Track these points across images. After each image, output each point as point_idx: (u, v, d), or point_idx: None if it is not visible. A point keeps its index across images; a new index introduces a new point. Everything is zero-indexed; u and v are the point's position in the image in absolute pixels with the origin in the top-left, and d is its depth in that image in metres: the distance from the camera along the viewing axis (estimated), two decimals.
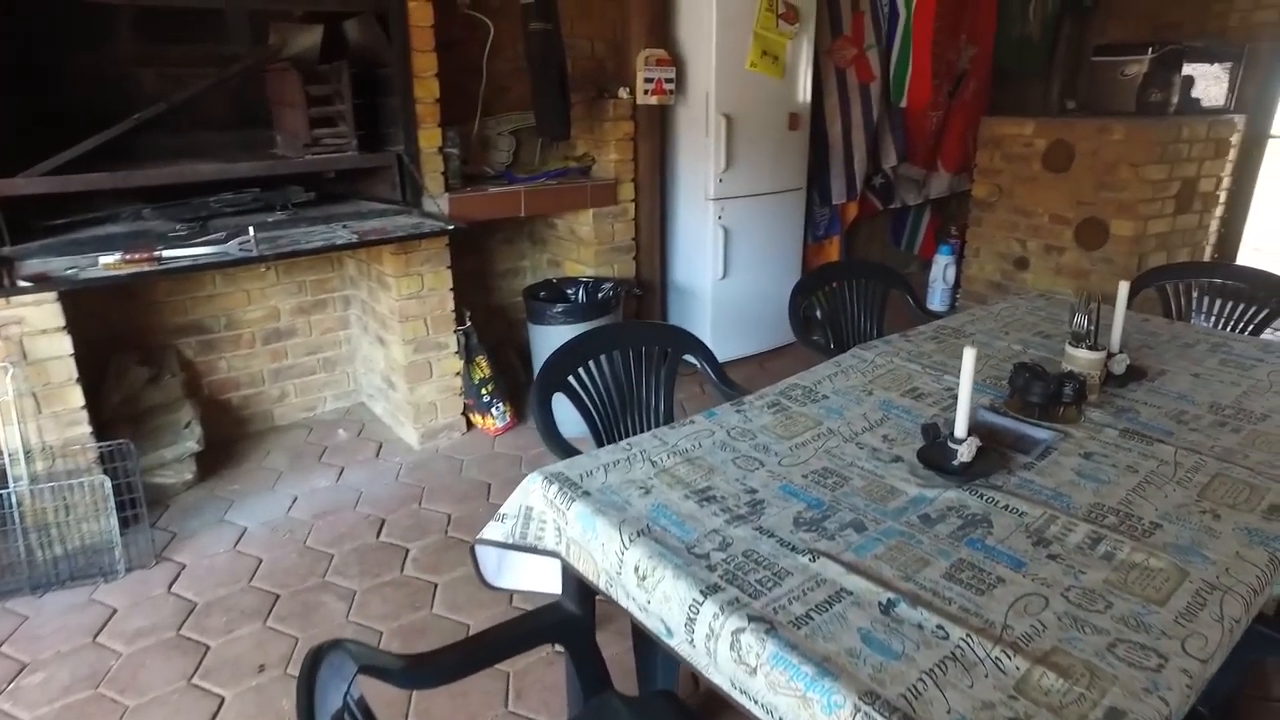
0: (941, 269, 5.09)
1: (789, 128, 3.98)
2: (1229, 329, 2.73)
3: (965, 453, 1.49)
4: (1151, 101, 4.67)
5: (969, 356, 1.48)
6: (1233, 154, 4.59)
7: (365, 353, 3.59)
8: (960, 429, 1.51)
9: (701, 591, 1.17)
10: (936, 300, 5.16)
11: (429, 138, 3.01)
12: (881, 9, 4.36)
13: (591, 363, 2.09)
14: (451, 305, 3.25)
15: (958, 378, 1.98)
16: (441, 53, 2.97)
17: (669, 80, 3.58)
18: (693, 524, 1.35)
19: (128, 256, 2.30)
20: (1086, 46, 5.83)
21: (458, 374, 3.35)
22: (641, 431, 2.18)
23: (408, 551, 2.66)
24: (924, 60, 4.38)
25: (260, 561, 2.60)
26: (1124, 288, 1.92)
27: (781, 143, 3.98)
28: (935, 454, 1.54)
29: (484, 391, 3.37)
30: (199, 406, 3.13)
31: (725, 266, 3.93)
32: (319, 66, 2.89)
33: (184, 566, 2.57)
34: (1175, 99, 4.61)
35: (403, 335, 3.17)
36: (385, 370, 3.41)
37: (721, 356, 4.10)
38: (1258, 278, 2.75)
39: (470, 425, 3.47)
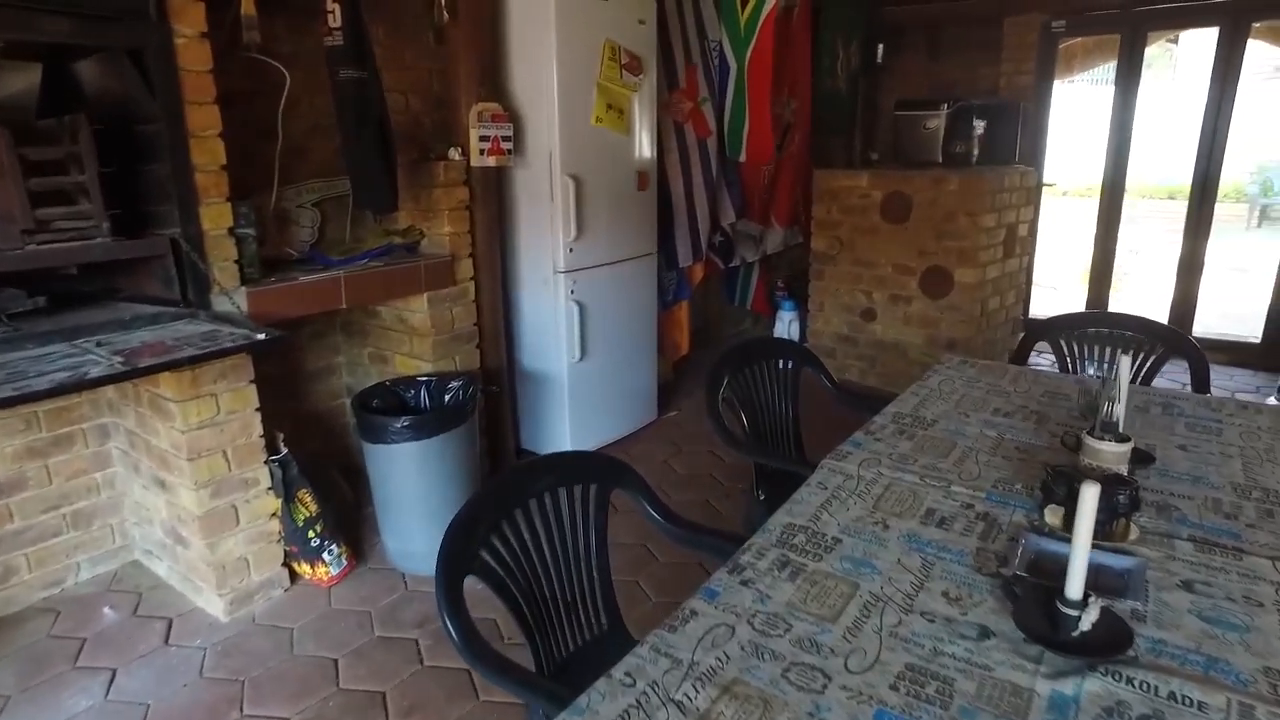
0: (786, 325, 4.96)
1: (638, 188, 3.61)
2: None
3: (1089, 620, 1.11)
4: (956, 153, 4.87)
5: (1090, 496, 1.10)
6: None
7: (137, 498, 2.69)
8: (1076, 588, 1.13)
9: None
10: None
11: (215, 216, 2.28)
12: (712, 61, 4.17)
13: (504, 523, 1.51)
14: (260, 430, 2.49)
15: (964, 486, 1.66)
16: (223, 108, 2.27)
17: (506, 138, 3.08)
18: None
19: None
20: (878, 102, 6.12)
21: (274, 515, 2.57)
22: (573, 593, 1.64)
23: None
24: (762, 114, 4.23)
25: None
26: (1125, 361, 1.68)
27: (631, 204, 3.60)
28: (1036, 620, 1.16)
29: (311, 534, 2.61)
30: None
31: (582, 347, 3.45)
32: (39, 121, 2.08)
33: None
34: (976, 150, 4.84)
35: (194, 476, 2.36)
36: (170, 521, 2.55)
37: (583, 446, 3.64)
38: (1144, 325, 2.74)
39: (295, 577, 2.68)
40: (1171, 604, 1.23)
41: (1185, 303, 5.26)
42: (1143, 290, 6.73)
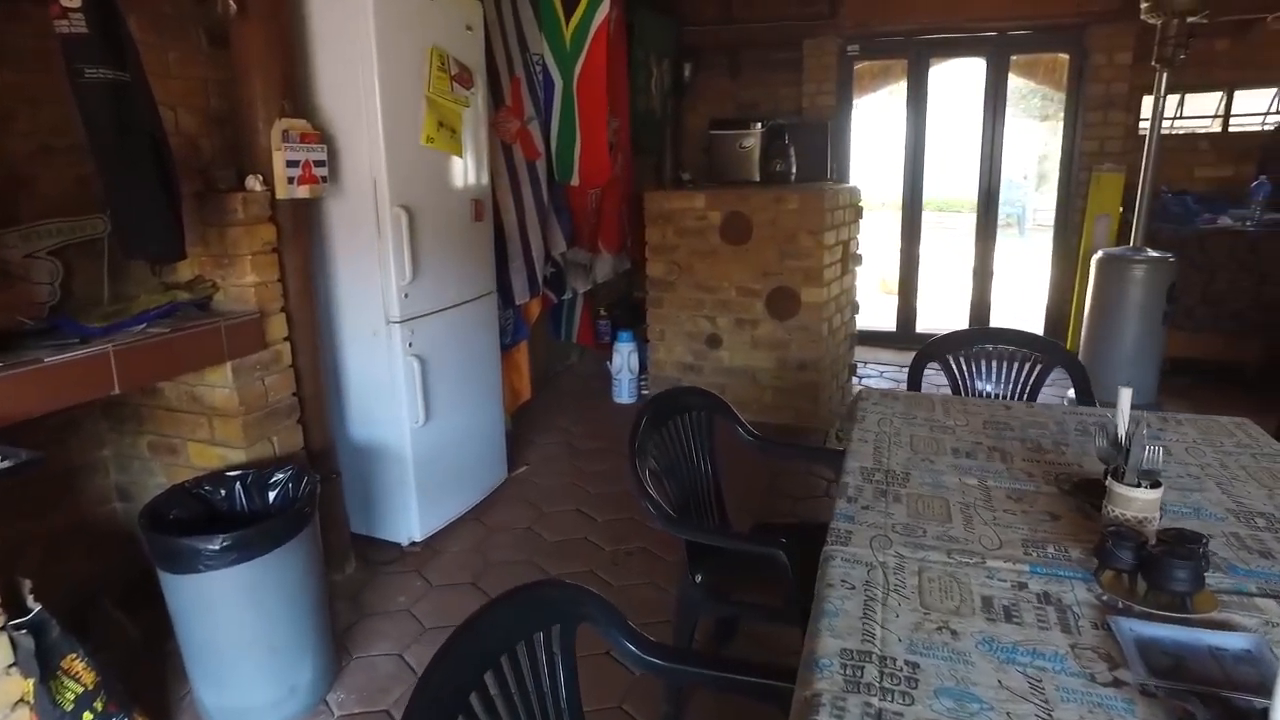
0: (625, 358, 4.65)
1: (474, 218, 3.13)
2: (1013, 391, 2.68)
3: None
4: (776, 171, 4.86)
5: None
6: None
7: None
8: None
9: None
10: (624, 393, 4.69)
11: None
12: (536, 76, 3.78)
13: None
14: None
15: (999, 560, 1.37)
16: None
17: (320, 163, 2.49)
18: None
19: None
20: (683, 122, 6.07)
21: (24, 702, 1.80)
22: None
23: None
24: (597, 134, 3.90)
25: None
26: (1126, 394, 1.53)
27: (469, 237, 3.12)
28: None
29: (88, 715, 1.86)
30: None
31: (426, 408, 2.90)
32: None
33: None
34: (794, 168, 4.86)
35: None
36: None
37: (434, 525, 3.07)
38: (1027, 339, 2.74)
39: None
40: None
41: (982, 305, 5.65)
42: (939, 296, 7.21)
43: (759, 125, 4.97)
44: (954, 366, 2.70)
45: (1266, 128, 5.30)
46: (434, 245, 2.88)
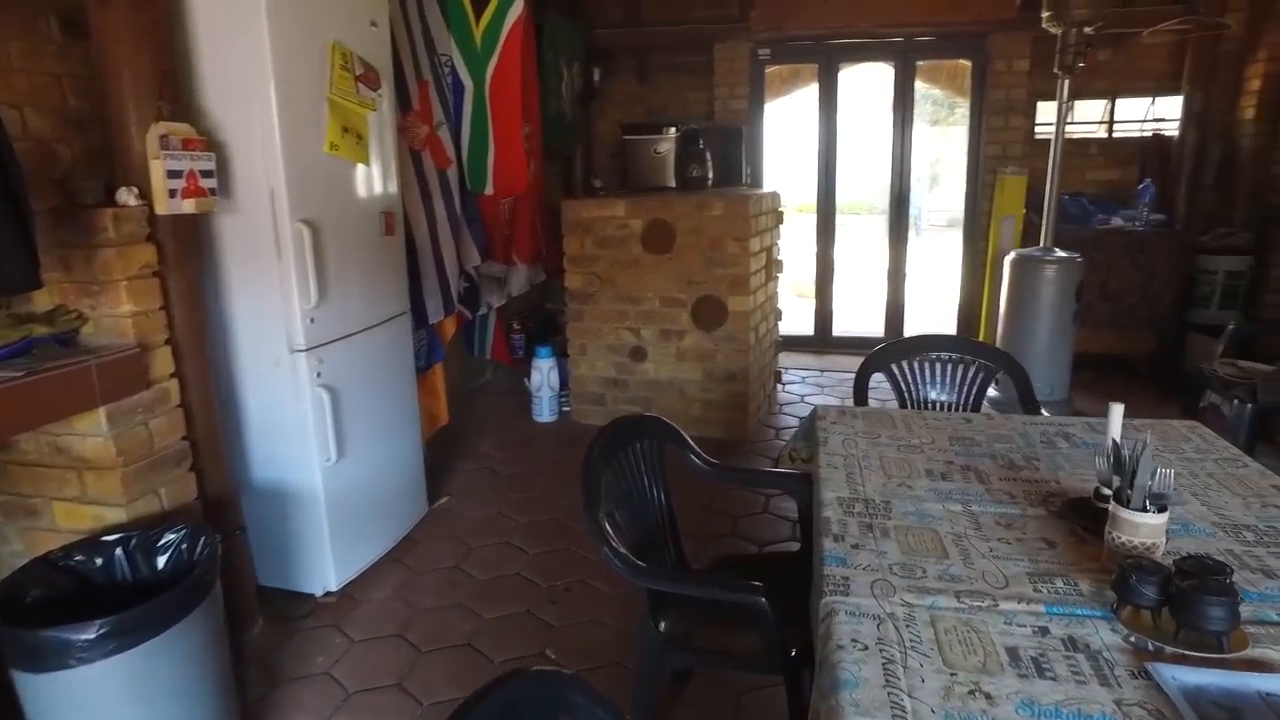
0: (545, 374, 4.43)
1: (384, 232, 2.86)
2: (959, 398, 2.63)
3: None
4: (693, 177, 4.77)
5: None
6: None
7: None
8: None
9: None
10: (545, 411, 4.47)
11: None
12: (444, 79, 3.52)
13: None
14: None
15: (1011, 601, 1.18)
16: None
17: (207, 173, 2.18)
18: None
19: None
20: (592, 127, 5.91)
21: None
22: None
23: None
24: (512, 140, 3.67)
25: None
26: (1118, 410, 1.45)
27: (379, 254, 2.84)
28: None
29: None
30: None
31: (338, 443, 2.62)
32: None
33: None
34: (711, 174, 4.77)
35: None
36: None
37: (351, 571, 2.79)
38: (970, 346, 2.71)
39: None
40: None
41: (897, 306, 5.72)
42: (848, 298, 7.26)
43: (673, 130, 4.87)
44: (899, 375, 2.64)
45: (1144, 133, 5.57)
46: (341, 264, 2.60)
